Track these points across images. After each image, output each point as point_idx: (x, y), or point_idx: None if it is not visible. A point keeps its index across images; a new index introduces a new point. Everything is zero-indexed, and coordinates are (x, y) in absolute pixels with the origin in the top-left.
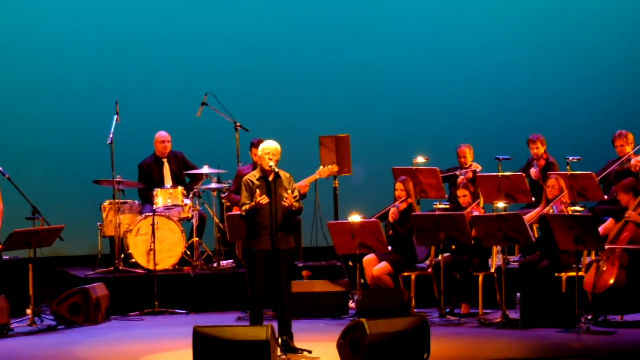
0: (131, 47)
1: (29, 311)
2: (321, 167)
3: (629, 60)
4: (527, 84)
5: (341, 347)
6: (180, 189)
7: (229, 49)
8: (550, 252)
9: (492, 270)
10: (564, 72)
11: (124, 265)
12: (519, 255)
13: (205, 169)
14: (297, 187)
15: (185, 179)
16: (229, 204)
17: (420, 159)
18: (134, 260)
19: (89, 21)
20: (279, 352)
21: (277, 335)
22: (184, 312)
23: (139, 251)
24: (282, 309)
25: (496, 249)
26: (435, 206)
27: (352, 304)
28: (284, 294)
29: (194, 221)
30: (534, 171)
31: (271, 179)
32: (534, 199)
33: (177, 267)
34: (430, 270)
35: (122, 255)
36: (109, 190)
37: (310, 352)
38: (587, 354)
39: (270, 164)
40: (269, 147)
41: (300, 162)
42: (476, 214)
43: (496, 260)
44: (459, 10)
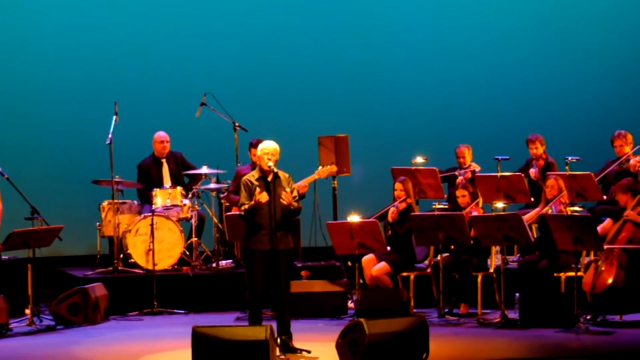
0: (131, 47)
1: (28, 311)
2: (320, 168)
3: (629, 60)
4: (526, 84)
5: (340, 347)
6: (179, 189)
7: (228, 49)
8: (549, 252)
9: (491, 270)
10: (564, 72)
11: (123, 265)
12: (518, 255)
13: (204, 169)
14: (296, 188)
15: (184, 179)
16: (228, 204)
17: (419, 159)
18: (133, 260)
19: (89, 21)
20: (278, 352)
21: (276, 335)
22: (183, 312)
23: (138, 251)
24: (281, 309)
25: (495, 249)
26: (434, 206)
27: (351, 304)
28: (283, 294)
29: (193, 221)
30: (533, 171)
31: (270, 179)
32: (533, 199)
33: (176, 267)
34: (429, 270)
35: (121, 255)
36: (108, 190)
37: (309, 352)
38: (586, 354)
39: (269, 164)
40: (268, 148)
41: (299, 162)
42: (475, 214)
43: (495, 260)
44: (458, 10)
